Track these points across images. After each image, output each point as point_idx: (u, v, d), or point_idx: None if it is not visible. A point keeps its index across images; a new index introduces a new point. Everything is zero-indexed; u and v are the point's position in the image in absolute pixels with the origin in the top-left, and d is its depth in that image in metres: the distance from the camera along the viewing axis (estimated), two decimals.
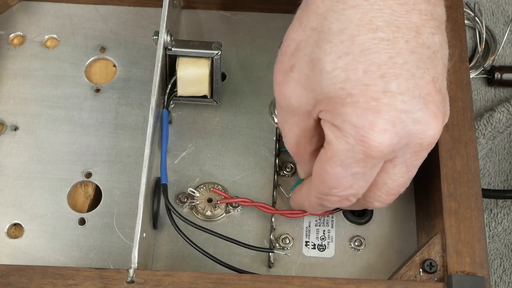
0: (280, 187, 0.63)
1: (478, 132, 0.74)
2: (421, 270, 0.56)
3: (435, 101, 0.49)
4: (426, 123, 0.49)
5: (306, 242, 0.62)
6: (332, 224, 0.62)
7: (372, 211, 0.62)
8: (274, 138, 0.66)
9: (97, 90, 0.69)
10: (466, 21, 0.74)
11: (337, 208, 0.60)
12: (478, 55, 0.79)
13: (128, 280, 0.53)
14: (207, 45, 0.64)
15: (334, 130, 0.49)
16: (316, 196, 0.54)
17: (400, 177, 0.53)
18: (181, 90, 0.64)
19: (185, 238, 0.58)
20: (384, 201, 0.55)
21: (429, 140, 0.50)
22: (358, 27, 0.49)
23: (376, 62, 0.48)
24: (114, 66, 0.70)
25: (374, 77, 0.48)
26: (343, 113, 0.48)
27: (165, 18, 0.62)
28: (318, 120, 0.52)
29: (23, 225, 0.62)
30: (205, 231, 0.58)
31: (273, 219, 0.62)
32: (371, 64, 0.48)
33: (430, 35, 0.50)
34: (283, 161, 0.65)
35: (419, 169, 0.54)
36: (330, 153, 0.50)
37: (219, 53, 0.63)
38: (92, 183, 0.65)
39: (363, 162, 0.50)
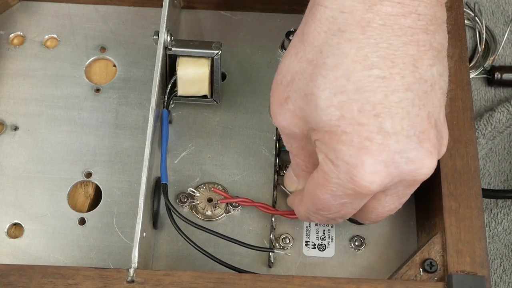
0: (281, 187, 0.63)
1: (478, 132, 0.74)
2: (421, 269, 0.56)
3: (430, 138, 0.49)
4: (420, 162, 0.49)
5: (306, 241, 0.62)
6: (332, 224, 0.62)
7: None
8: (274, 138, 0.66)
9: (97, 90, 0.69)
10: (466, 21, 0.74)
11: None
12: (478, 55, 0.79)
13: (128, 280, 0.53)
14: (207, 45, 0.64)
15: (328, 162, 0.49)
16: (305, 210, 0.55)
17: (391, 204, 0.53)
18: (181, 90, 0.64)
19: (185, 238, 0.58)
20: (373, 221, 0.55)
21: (422, 177, 0.50)
22: (353, 63, 0.47)
23: (371, 100, 0.47)
24: (114, 66, 0.70)
25: (369, 117, 0.47)
26: (337, 149, 0.48)
27: (165, 18, 0.62)
28: None
29: (23, 225, 0.62)
30: (205, 231, 0.58)
31: (273, 219, 0.62)
32: (366, 103, 0.47)
33: (428, 67, 0.49)
34: (283, 161, 0.65)
35: None
36: (322, 181, 0.50)
37: (219, 53, 0.63)
38: (92, 183, 0.65)
39: (352, 196, 0.50)
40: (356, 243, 0.61)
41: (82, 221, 0.63)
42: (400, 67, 0.47)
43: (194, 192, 0.63)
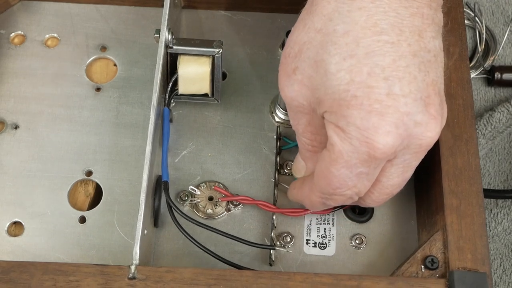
0: (282, 184, 0.63)
1: (478, 132, 0.74)
2: (422, 266, 0.56)
3: (434, 104, 0.50)
4: (426, 125, 0.50)
5: (307, 240, 0.62)
6: (333, 222, 0.62)
7: (373, 209, 0.62)
8: (275, 136, 0.66)
9: (98, 89, 0.69)
10: (466, 21, 0.74)
11: (338, 206, 0.60)
12: (478, 55, 0.79)
13: (129, 276, 0.53)
14: (208, 43, 0.64)
15: (339, 131, 0.50)
16: (319, 196, 0.55)
17: (396, 177, 0.54)
18: (182, 89, 0.64)
19: (186, 235, 0.58)
20: (376, 199, 0.55)
21: (428, 141, 0.51)
22: (363, 29, 0.49)
23: (380, 64, 0.49)
24: (115, 65, 0.70)
25: (378, 80, 0.49)
26: (347, 115, 0.49)
27: (167, 16, 0.62)
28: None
29: (23, 223, 0.62)
30: (206, 228, 0.58)
31: (274, 217, 0.61)
32: (375, 66, 0.49)
33: (431, 39, 0.51)
34: (283, 160, 0.65)
35: (420, 166, 0.54)
36: (335, 155, 0.51)
37: (220, 51, 0.63)
38: (93, 181, 0.64)
39: (367, 163, 0.50)
40: (357, 241, 0.61)
41: (82, 220, 0.63)
42: (407, 35, 0.49)
43: (195, 191, 0.63)
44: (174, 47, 0.63)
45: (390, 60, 0.49)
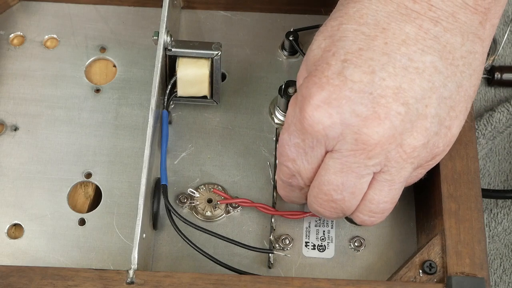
0: None
1: (478, 132, 0.74)
2: (420, 271, 0.56)
3: (387, 107, 0.49)
4: (364, 120, 0.49)
5: (306, 242, 0.62)
6: (332, 225, 0.62)
7: None
8: (274, 138, 0.66)
9: (97, 90, 0.69)
10: None
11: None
12: None
13: (128, 281, 0.53)
14: (207, 46, 0.63)
15: (296, 97, 0.52)
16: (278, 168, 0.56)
17: (333, 173, 0.52)
18: (181, 91, 0.64)
19: (185, 239, 0.58)
20: (315, 199, 0.54)
21: (363, 139, 0.49)
22: (349, 17, 0.51)
23: (346, 48, 0.50)
24: (114, 66, 0.70)
25: (337, 60, 0.50)
26: (303, 85, 0.51)
27: (165, 19, 0.62)
28: None
29: (23, 226, 0.62)
30: (205, 232, 0.58)
31: (273, 220, 0.62)
32: (341, 48, 0.50)
33: (420, 51, 0.50)
34: None
35: None
36: (285, 123, 0.53)
37: (219, 54, 0.63)
38: (92, 183, 0.65)
39: (301, 134, 0.51)
40: (356, 244, 0.61)
41: (82, 222, 0.63)
42: (387, 34, 0.50)
43: (194, 193, 0.63)
44: (172, 49, 0.63)
45: (356, 47, 0.50)
